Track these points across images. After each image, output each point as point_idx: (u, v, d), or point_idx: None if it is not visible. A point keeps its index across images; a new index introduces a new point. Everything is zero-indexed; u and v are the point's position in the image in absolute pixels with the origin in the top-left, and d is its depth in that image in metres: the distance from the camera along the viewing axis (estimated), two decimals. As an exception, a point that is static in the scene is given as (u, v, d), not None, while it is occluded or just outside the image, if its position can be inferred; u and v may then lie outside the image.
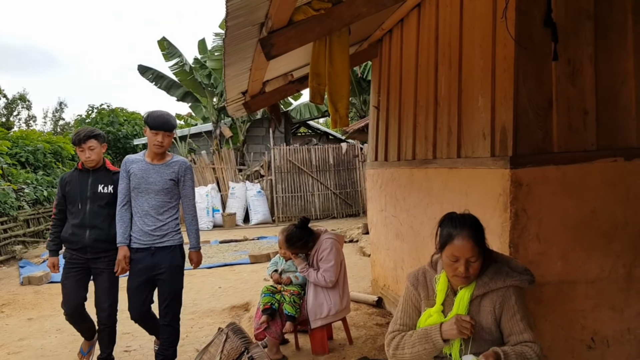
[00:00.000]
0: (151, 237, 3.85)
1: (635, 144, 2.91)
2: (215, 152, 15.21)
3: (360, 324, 4.87)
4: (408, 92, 4.52)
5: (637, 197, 2.91)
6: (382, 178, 5.30)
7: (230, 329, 3.74)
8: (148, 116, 3.86)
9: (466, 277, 2.39)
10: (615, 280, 2.94)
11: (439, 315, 2.47)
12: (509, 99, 2.87)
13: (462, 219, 2.43)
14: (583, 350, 2.96)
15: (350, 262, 8.46)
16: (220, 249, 10.26)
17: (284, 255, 4.32)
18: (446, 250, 2.39)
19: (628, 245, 2.93)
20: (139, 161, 3.93)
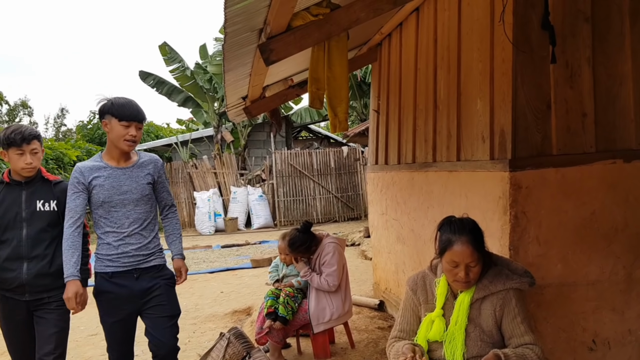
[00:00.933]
0: (135, 257, 3.08)
1: (634, 146, 2.91)
2: (216, 157, 15.24)
3: (362, 327, 4.88)
4: (407, 96, 4.53)
5: (637, 199, 2.91)
6: (383, 181, 5.31)
7: (232, 333, 3.75)
8: (111, 105, 2.99)
9: (466, 282, 2.39)
10: (616, 282, 2.94)
11: (440, 320, 2.48)
12: (507, 102, 2.89)
13: (461, 224, 2.44)
14: (584, 352, 2.95)
15: (352, 265, 8.48)
16: (222, 253, 10.27)
17: (284, 260, 4.33)
18: (446, 255, 2.40)
19: (628, 247, 2.93)
20: (101, 168, 3.04)
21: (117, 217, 3.06)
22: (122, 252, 3.06)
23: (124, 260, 3.07)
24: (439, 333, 2.47)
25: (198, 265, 9.08)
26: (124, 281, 3.08)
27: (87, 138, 20.11)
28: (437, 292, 2.54)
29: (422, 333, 2.51)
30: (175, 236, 3.36)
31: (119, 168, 3.07)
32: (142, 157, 3.20)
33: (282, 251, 4.29)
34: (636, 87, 2.90)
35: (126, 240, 3.06)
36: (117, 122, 2.97)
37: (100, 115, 3.07)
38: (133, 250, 3.07)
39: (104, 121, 3.02)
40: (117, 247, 3.06)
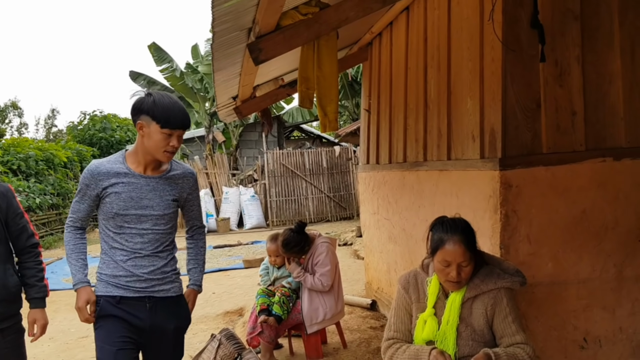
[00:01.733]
0: (147, 282, 2.54)
1: (624, 144, 2.92)
2: (208, 157, 15.20)
3: (354, 327, 4.86)
4: (398, 95, 4.53)
5: (627, 196, 2.91)
6: (374, 181, 5.31)
7: (223, 335, 3.72)
8: (154, 104, 2.43)
9: (458, 282, 2.38)
10: (607, 280, 2.94)
11: (433, 319, 2.47)
12: (497, 100, 2.88)
13: (453, 224, 2.43)
14: (576, 350, 2.96)
15: (344, 265, 8.46)
16: (214, 254, 10.23)
17: (274, 262, 4.30)
18: (437, 255, 2.39)
19: (618, 245, 2.93)
20: (122, 172, 2.53)
21: (131, 234, 2.53)
22: (131, 274, 2.51)
23: (135, 285, 2.52)
24: (432, 332, 2.46)
25: (190, 266, 9.02)
26: (134, 310, 2.53)
27: (78, 139, 19.97)
28: (428, 291, 2.53)
29: (419, 334, 2.50)
30: (198, 262, 2.88)
31: (144, 177, 2.54)
32: (174, 168, 2.65)
33: (272, 253, 4.26)
34: (625, 85, 2.90)
35: (137, 262, 2.52)
36: (158, 128, 2.42)
37: (134, 113, 2.48)
38: (145, 274, 2.53)
39: (139, 122, 2.45)
40: (126, 267, 2.52)
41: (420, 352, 2.39)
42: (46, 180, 13.66)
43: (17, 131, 35.91)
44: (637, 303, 2.96)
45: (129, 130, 21.13)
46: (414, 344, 2.53)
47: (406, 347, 2.49)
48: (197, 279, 2.89)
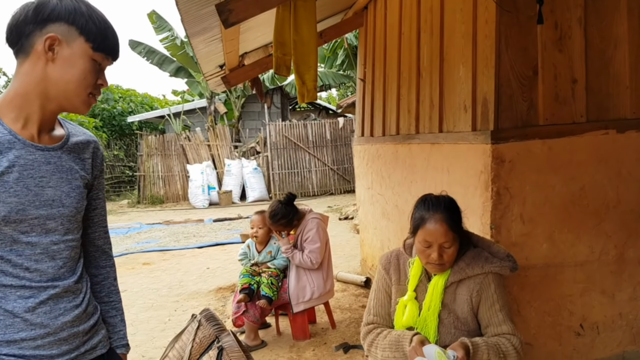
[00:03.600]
0: (71, 340, 1.46)
1: (629, 115, 2.67)
2: (210, 129, 14.97)
3: (346, 306, 4.70)
4: (392, 63, 4.26)
5: (630, 172, 2.68)
6: (368, 154, 5.08)
7: (203, 315, 3.56)
8: (85, 15, 1.40)
9: (440, 265, 2.18)
10: (606, 263, 2.73)
11: (414, 304, 2.27)
12: (490, 67, 2.63)
13: (436, 201, 2.21)
14: (571, 337, 2.76)
15: (342, 240, 8.31)
16: (213, 227, 10.10)
17: (255, 234, 4.10)
18: (418, 234, 2.18)
19: (620, 224, 2.71)
20: (2, 141, 1.36)
21: (33, 255, 1.41)
22: (44, 330, 1.41)
23: (51, 349, 1.42)
24: (412, 318, 2.26)
25: (187, 240, 8.92)
26: None
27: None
28: (410, 273, 2.32)
29: (399, 319, 2.31)
30: (118, 305, 1.71)
31: (40, 148, 1.43)
32: (73, 133, 1.55)
33: (255, 224, 4.07)
34: (632, 50, 2.64)
35: (52, 305, 1.43)
36: (87, 48, 1.41)
37: (34, 19, 1.37)
38: (68, 325, 1.46)
39: (48, 36, 1.36)
40: (32, 320, 1.39)
41: (401, 338, 2.20)
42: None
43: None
44: (639, 287, 2.76)
45: (132, 101, 20.92)
46: (394, 329, 2.34)
47: (387, 333, 2.30)
48: (124, 332, 1.73)
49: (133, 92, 22.02)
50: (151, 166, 14.60)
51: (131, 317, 5.13)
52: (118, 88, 21.66)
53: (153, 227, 10.57)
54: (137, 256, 7.97)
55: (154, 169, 14.63)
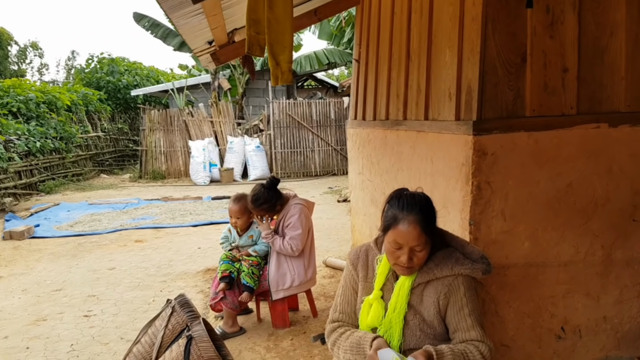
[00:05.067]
0: None
1: (623, 108, 2.49)
2: (213, 105, 14.79)
3: (331, 294, 4.60)
4: (384, 44, 4.08)
5: (622, 169, 2.51)
6: (360, 139, 4.92)
7: (177, 301, 3.46)
8: None
9: (408, 268, 2.04)
10: (592, 264, 2.58)
11: (379, 304, 2.15)
12: (475, 53, 2.46)
13: (412, 200, 2.05)
14: (551, 340, 2.63)
15: (338, 223, 8.19)
16: (210, 205, 10.00)
17: (234, 224, 3.99)
18: (389, 234, 2.03)
19: (609, 224, 2.56)
20: None
21: None
22: None
23: None
24: (377, 319, 2.14)
25: (183, 218, 8.83)
26: None
27: (84, 82, 19.69)
28: (377, 271, 2.19)
29: (363, 319, 2.19)
30: None
31: None
32: None
33: (234, 214, 3.94)
34: (629, 38, 2.45)
35: None
36: None
37: None
38: None
39: None
40: None
41: (362, 341, 2.09)
42: (48, 124, 13.41)
43: (38, 72, 35.81)
44: (626, 290, 2.61)
45: (137, 74, 20.74)
46: (359, 328, 2.22)
47: (349, 334, 2.18)
48: None
49: (139, 65, 21.82)
50: (153, 141, 14.50)
51: (115, 297, 5.07)
52: (125, 60, 21.47)
53: (151, 203, 10.49)
54: (130, 233, 7.90)
55: (156, 144, 14.52)
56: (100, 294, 5.16)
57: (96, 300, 5.01)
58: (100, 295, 5.12)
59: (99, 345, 3.93)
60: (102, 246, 7.18)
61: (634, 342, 2.63)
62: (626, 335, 2.62)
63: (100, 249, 7.01)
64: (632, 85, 2.47)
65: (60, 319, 4.53)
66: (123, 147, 18.80)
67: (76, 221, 8.86)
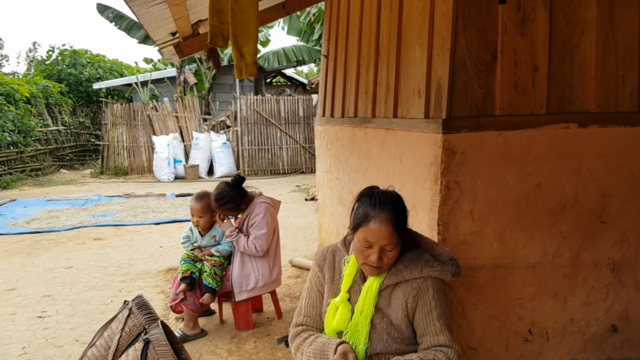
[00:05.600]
0: None
1: (592, 108, 2.46)
2: (178, 100, 14.50)
3: (297, 294, 4.50)
4: (353, 40, 4.00)
5: (590, 170, 2.49)
6: (328, 136, 4.83)
7: (135, 303, 3.31)
8: None
9: (378, 268, 1.97)
10: (560, 265, 2.55)
11: (346, 307, 2.06)
12: (445, 49, 2.39)
13: (383, 198, 1.97)
14: (518, 343, 2.59)
15: (306, 222, 8.10)
16: (174, 203, 9.78)
17: (196, 223, 3.85)
18: (359, 232, 1.95)
19: (577, 225, 2.53)
20: None
21: None
22: None
23: None
24: (344, 322, 2.06)
25: (145, 215, 8.60)
26: None
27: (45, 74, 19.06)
28: (344, 272, 2.11)
29: (329, 323, 2.10)
30: None
31: None
32: None
33: (196, 213, 3.81)
34: (600, 37, 2.42)
35: None
36: None
37: None
38: None
39: None
40: None
41: (326, 347, 2.00)
42: (5, 117, 12.91)
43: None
44: (593, 292, 2.59)
45: (100, 67, 20.19)
46: (324, 332, 2.13)
47: (313, 339, 2.09)
48: None
49: (102, 58, 21.26)
50: (116, 136, 14.13)
51: (72, 297, 4.87)
52: (87, 53, 20.88)
53: (112, 199, 10.21)
54: (89, 230, 7.64)
55: (118, 138, 14.16)
56: (56, 294, 4.95)
57: (51, 300, 4.80)
58: (55, 296, 4.91)
59: (52, 348, 3.75)
60: (59, 244, 6.92)
61: (600, 344, 2.61)
62: (593, 337, 2.60)
63: (58, 247, 6.75)
64: (601, 85, 2.44)
65: (12, 320, 4.31)
66: (84, 142, 18.28)
67: (33, 218, 8.54)
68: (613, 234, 2.55)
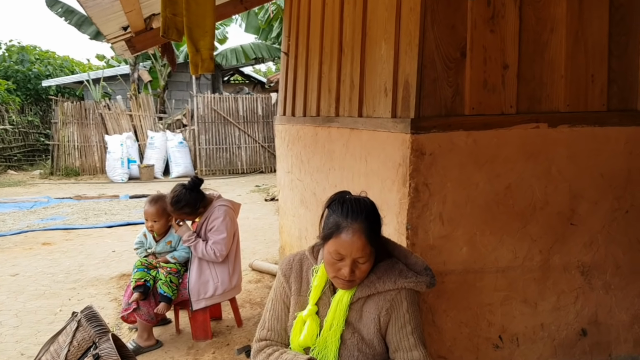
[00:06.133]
0: None
1: (562, 108, 2.40)
2: (132, 98, 14.05)
3: (258, 300, 4.34)
4: (315, 36, 3.86)
5: (560, 171, 2.43)
6: (289, 136, 4.68)
7: (84, 315, 3.09)
8: None
9: (349, 282, 1.83)
10: (530, 269, 2.48)
11: (314, 321, 1.93)
12: (414, 46, 2.28)
13: (357, 207, 1.82)
14: (489, 350, 2.51)
15: (266, 223, 7.93)
16: (128, 204, 9.44)
17: (150, 228, 3.65)
18: (330, 244, 1.80)
19: (547, 228, 2.47)
20: None
21: None
22: None
23: None
24: (311, 338, 1.92)
25: (97, 218, 8.25)
26: None
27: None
28: (313, 283, 1.97)
29: (295, 338, 1.96)
30: None
31: None
32: None
33: (150, 217, 3.61)
34: (570, 34, 2.36)
35: None
36: None
37: None
38: None
39: None
40: None
41: None
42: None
43: None
44: (563, 296, 2.53)
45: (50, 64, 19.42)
46: (290, 348, 1.99)
47: (278, 355, 1.95)
48: None
49: (52, 55, 20.46)
50: (67, 135, 13.58)
51: (17, 306, 4.57)
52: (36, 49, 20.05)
53: (62, 202, 9.77)
54: (37, 234, 7.27)
55: (69, 138, 13.61)
56: (0, 304, 4.64)
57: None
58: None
59: (-7, 365, 3.49)
60: (4, 249, 6.55)
61: (570, 349, 2.56)
62: (563, 342, 2.55)
63: (3, 253, 6.38)
64: (571, 84, 2.38)
65: (-50, 333, 4.01)
66: (33, 142, 17.51)
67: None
68: (582, 236, 2.50)
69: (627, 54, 2.43)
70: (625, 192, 2.50)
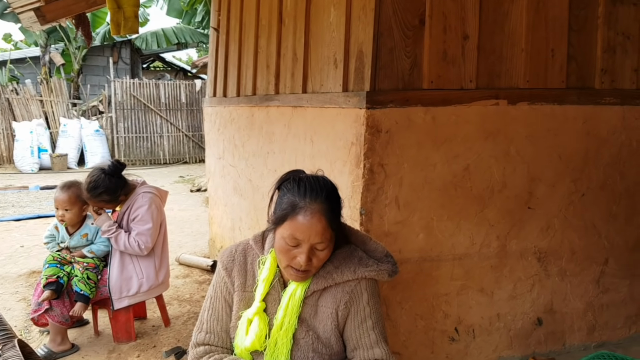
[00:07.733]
0: None
1: (522, 84, 2.27)
2: (43, 82, 13.02)
3: (186, 296, 4.00)
4: (250, 9, 3.56)
5: (519, 151, 2.30)
6: (221, 118, 4.35)
7: (-16, 320, 2.67)
8: None
9: (305, 272, 1.57)
10: (487, 256, 2.34)
11: (262, 320, 1.65)
12: (369, 10, 2.06)
13: (315, 185, 1.55)
14: (444, 343, 2.36)
15: (192, 215, 7.51)
16: (38, 196, 8.68)
17: (61, 218, 3.22)
18: (284, 227, 1.53)
19: (504, 212, 2.34)
20: None
21: None
22: None
23: None
24: (259, 339, 1.64)
25: (4, 211, 7.50)
26: None
27: None
28: (259, 276, 1.69)
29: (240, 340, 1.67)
30: None
31: None
32: None
33: (61, 206, 3.18)
34: (531, 5, 2.23)
35: None
36: None
37: None
38: None
39: None
40: None
41: None
42: None
43: None
44: (519, 284, 2.41)
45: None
46: (233, 354, 1.72)
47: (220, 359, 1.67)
48: None
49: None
50: (-33, 122, 12.39)
51: None
52: None
53: (-38, 194, 8.86)
54: None
55: (-29, 125, 12.43)
56: None
57: None
58: None
59: None
60: None
61: (525, 339, 2.46)
62: (519, 332, 2.44)
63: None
64: (532, 58, 2.26)
65: None
66: None
67: None
68: (539, 220, 2.39)
69: (585, 29, 2.34)
70: (582, 174, 2.41)
